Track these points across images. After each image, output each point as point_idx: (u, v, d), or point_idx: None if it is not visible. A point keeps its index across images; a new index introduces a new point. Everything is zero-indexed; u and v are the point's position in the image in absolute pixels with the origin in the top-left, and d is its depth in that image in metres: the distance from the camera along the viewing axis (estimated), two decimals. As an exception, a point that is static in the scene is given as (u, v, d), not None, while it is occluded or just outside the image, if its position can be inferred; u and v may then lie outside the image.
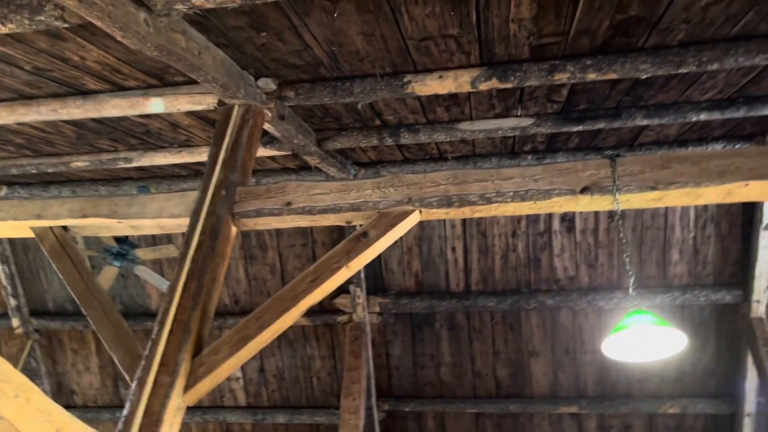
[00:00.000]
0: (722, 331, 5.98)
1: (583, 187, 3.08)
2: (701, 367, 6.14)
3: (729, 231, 5.71)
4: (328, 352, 6.73)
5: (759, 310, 5.69)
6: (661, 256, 5.91)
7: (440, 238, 6.22)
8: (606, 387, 6.31)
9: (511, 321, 6.36)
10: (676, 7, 2.95)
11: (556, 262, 6.11)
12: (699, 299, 5.87)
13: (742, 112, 4.32)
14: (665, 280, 5.97)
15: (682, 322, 6.03)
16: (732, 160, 3.00)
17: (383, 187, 3.26)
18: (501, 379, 6.52)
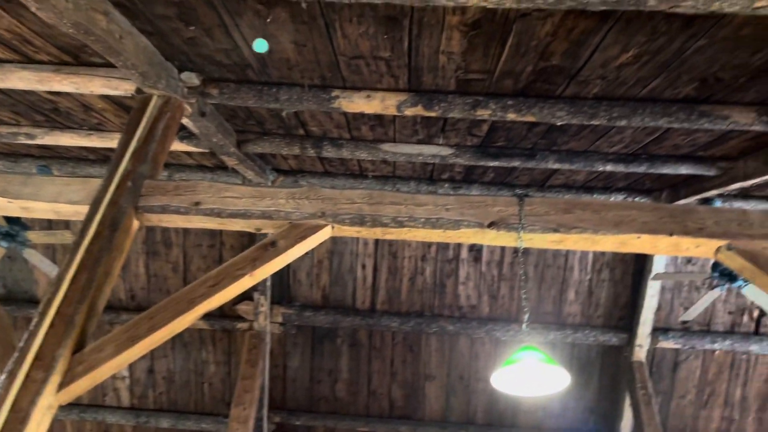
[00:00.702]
0: (605, 371, 6.32)
1: (490, 221, 3.18)
2: (583, 404, 6.44)
3: (622, 277, 6.06)
4: (223, 358, 6.54)
5: (641, 354, 6.05)
6: (558, 295, 6.18)
7: (352, 254, 6.22)
8: (494, 416, 6.50)
9: (411, 343, 6.43)
10: (594, 63, 3.12)
11: (460, 290, 6.26)
12: (588, 339, 6.17)
13: (644, 168, 4.62)
14: (560, 317, 6.24)
15: (571, 359, 6.32)
16: (628, 213, 3.19)
17: (298, 198, 3.23)
18: (395, 399, 6.57)
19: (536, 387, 2.85)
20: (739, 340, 5.97)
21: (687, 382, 6.21)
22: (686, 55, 2.98)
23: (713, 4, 2.20)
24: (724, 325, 6.03)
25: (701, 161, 4.57)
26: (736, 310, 5.99)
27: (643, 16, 2.68)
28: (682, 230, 3.12)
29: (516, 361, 2.76)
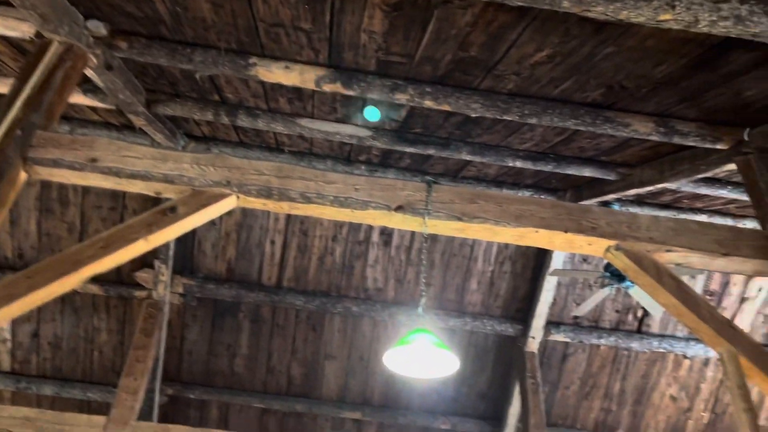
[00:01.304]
0: (499, 360, 6.57)
1: (398, 205, 3.21)
2: (476, 390, 6.68)
3: (522, 271, 6.30)
4: (117, 327, 6.28)
5: (533, 345, 6.33)
6: (461, 284, 6.35)
7: (261, 228, 6.12)
8: (390, 397, 6.61)
9: (314, 322, 6.42)
10: (510, 59, 3.19)
11: (368, 272, 6.30)
12: (486, 328, 6.39)
13: (551, 167, 4.80)
14: (461, 305, 6.41)
15: (468, 346, 6.53)
16: (529, 207, 3.30)
17: (203, 165, 3.12)
18: (293, 377, 6.55)
19: (426, 369, 2.91)
20: (622, 337, 6.36)
21: (573, 374, 6.57)
22: (596, 60, 3.11)
23: (621, 12, 2.29)
24: (610, 322, 6.41)
25: (603, 165, 4.80)
26: (623, 309, 6.38)
27: (557, 17, 2.76)
28: (577, 228, 3.27)
29: (408, 342, 2.80)
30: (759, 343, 3.15)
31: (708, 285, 6.25)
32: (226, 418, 6.61)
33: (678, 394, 6.63)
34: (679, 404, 6.66)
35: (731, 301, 6.29)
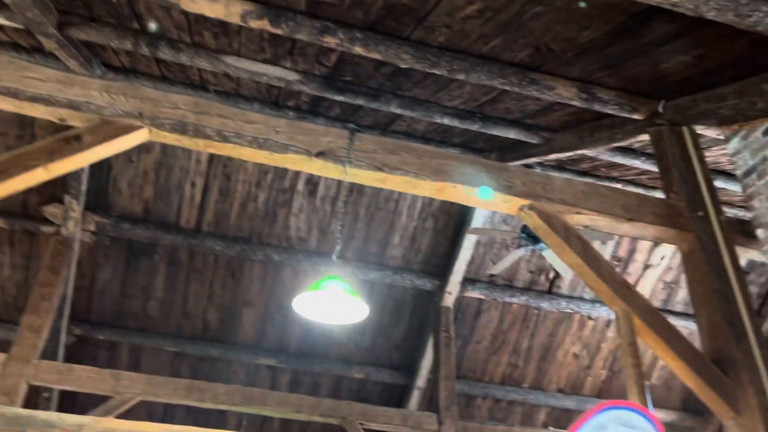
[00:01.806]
0: (416, 313, 6.72)
1: (319, 151, 3.15)
2: (391, 342, 6.82)
3: (444, 228, 6.41)
4: (21, 262, 5.97)
5: (449, 300, 6.50)
6: (384, 237, 6.39)
7: (182, 170, 5.91)
8: (307, 346, 6.67)
9: (234, 268, 6.33)
10: (441, 10, 3.16)
11: (291, 221, 6.24)
12: (405, 282, 6.49)
13: (477, 126, 4.84)
14: (383, 259, 6.48)
15: (387, 299, 6.63)
16: (449, 162, 3.33)
17: (114, 93, 2.95)
18: (209, 322, 6.48)
19: (336, 316, 2.93)
20: (534, 296, 6.63)
21: (484, 330, 6.81)
22: (525, 18, 3.12)
23: (549, -31, 2.28)
24: (523, 282, 6.66)
25: (528, 128, 4.89)
26: (536, 270, 6.63)
27: (489, -30, 2.73)
28: (494, 186, 3.33)
29: (320, 288, 2.80)
30: (652, 305, 3.34)
31: (616, 251, 6.57)
32: (137, 361, 6.48)
33: (580, 352, 7.02)
34: (580, 362, 7.06)
35: (636, 267, 6.65)
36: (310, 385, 6.84)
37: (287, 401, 5.66)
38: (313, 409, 5.68)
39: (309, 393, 6.62)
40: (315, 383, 6.86)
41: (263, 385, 6.69)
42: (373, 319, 6.69)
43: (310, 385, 6.85)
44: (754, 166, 3.43)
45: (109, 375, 5.30)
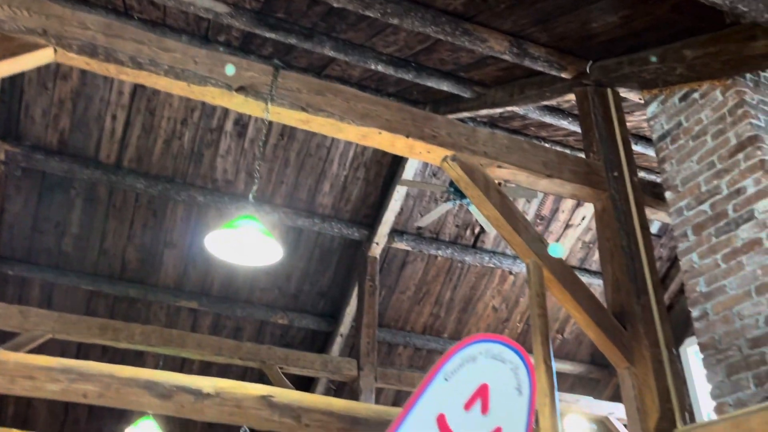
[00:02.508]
0: (342, 262, 6.74)
1: (240, 86, 3.04)
2: (317, 289, 6.84)
3: (375, 178, 6.39)
4: None
5: (376, 251, 6.54)
6: (314, 185, 6.32)
7: (102, 101, 5.60)
8: (230, 290, 6.59)
9: (156, 207, 6.13)
10: (375, -52, 3.05)
11: (218, 162, 6.06)
12: (334, 230, 6.48)
13: (412, 75, 4.79)
14: (312, 206, 6.42)
15: (314, 246, 6.61)
16: (376, 108, 3.28)
17: (15, 7, 2.72)
18: (129, 262, 6.28)
19: (249, 257, 2.88)
20: (458, 250, 6.76)
21: (409, 280, 6.92)
22: (458, -36, 3.05)
23: None
24: (449, 235, 6.77)
25: (461, 82, 4.87)
26: (462, 224, 6.75)
27: None
28: (419, 134, 3.31)
29: (234, 226, 2.74)
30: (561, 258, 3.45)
31: (540, 210, 6.75)
32: (50, 299, 6.25)
33: (500, 305, 7.26)
34: (499, 315, 7.31)
35: (558, 226, 6.87)
36: (232, 329, 6.81)
37: (206, 343, 5.61)
38: (233, 353, 5.66)
39: (231, 337, 6.60)
40: (237, 327, 6.83)
41: (184, 328, 6.60)
42: (300, 265, 6.67)
43: (233, 329, 6.81)
44: (668, 131, 3.55)
45: (16, 311, 5.09)
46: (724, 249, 3.07)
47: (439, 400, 1.43)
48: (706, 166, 3.27)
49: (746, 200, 3.01)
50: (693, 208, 3.29)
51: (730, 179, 3.12)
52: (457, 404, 1.45)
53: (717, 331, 3.00)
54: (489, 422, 1.46)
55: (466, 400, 1.46)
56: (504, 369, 1.50)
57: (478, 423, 1.44)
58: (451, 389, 1.45)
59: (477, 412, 1.45)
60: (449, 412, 1.42)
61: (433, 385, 1.46)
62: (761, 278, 2.85)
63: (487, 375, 1.49)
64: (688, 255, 3.26)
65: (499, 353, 1.49)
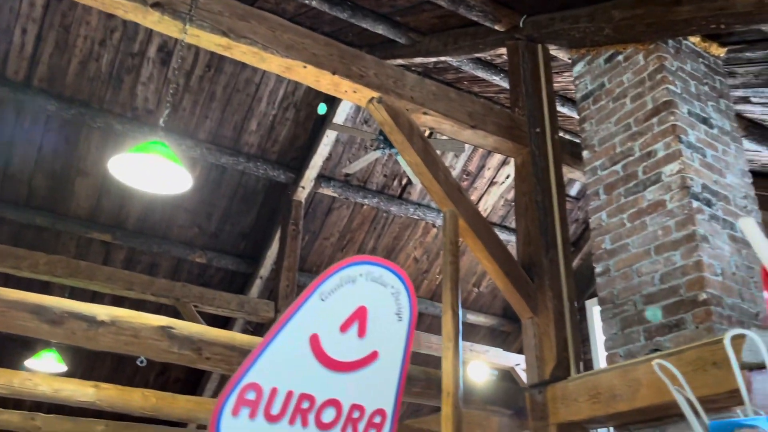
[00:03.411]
0: (266, 204, 6.61)
1: (156, 1, 2.83)
2: (238, 229, 6.71)
3: (304, 120, 6.24)
4: None
5: (302, 195, 6.45)
6: (240, 122, 6.12)
7: (12, 11, 5.14)
8: (147, 224, 6.37)
9: (68, 133, 5.77)
10: None
11: (139, 90, 5.75)
12: (259, 171, 6.32)
13: (347, 15, 4.65)
14: (237, 144, 6.23)
15: (238, 186, 6.44)
16: (302, 40, 3.15)
17: None
18: (37, 188, 5.93)
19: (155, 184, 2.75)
20: (385, 200, 6.76)
21: (333, 227, 6.89)
22: None
23: None
24: (377, 184, 6.75)
25: (396, 26, 4.78)
26: (390, 174, 6.73)
27: None
28: (345, 72, 3.22)
29: (141, 150, 2.59)
30: (478, 210, 3.50)
31: (467, 166, 6.82)
32: (-54, 222, 5.85)
33: (421, 257, 7.37)
34: (419, 266, 7.42)
35: (483, 182, 6.97)
36: (147, 265, 6.60)
37: (117, 277, 5.42)
38: (145, 288, 5.51)
39: (146, 273, 6.40)
40: (153, 264, 6.63)
41: (96, 261, 6.33)
42: (222, 205, 6.51)
43: (147, 265, 6.61)
44: (591, 91, 3.61)
45: None
46: (630, 209, 3.18)
47: (314, 319, 1.40)
48: (622, 128, 3.35)
49: (655, 163, 3.12)
50: (607, 168, 3.39)
51: (643, 142, 3.21)
52: (332, 325, 1.42)
53: (616, 287, 3.14)
54: (365, 346, 1.45)
55: (342, 321, 1.44)
56: (384, 293, 1.48)
57: (354, 346, 1.43)
58: (326, 310, 1.42)
59: (353, 335, 1.44)
60: (323, 333, 1.40)
61: (308, 304, 1.42)
62: (661, 238, 2.98)
63: (366, 298, 1.47)
64: (597, 213, 3.37)
65: (380, 276, 1.47)
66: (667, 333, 2.81)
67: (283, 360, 1.35)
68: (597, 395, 2.76)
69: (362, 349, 1.44)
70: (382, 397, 1.45)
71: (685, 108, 3.18)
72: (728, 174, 3.17)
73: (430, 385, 3.03)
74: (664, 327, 2.84)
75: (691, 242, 2.84)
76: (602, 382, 2.76)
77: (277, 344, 1.34)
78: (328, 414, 1.38)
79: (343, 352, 1.41)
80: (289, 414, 1.35)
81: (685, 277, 2.81)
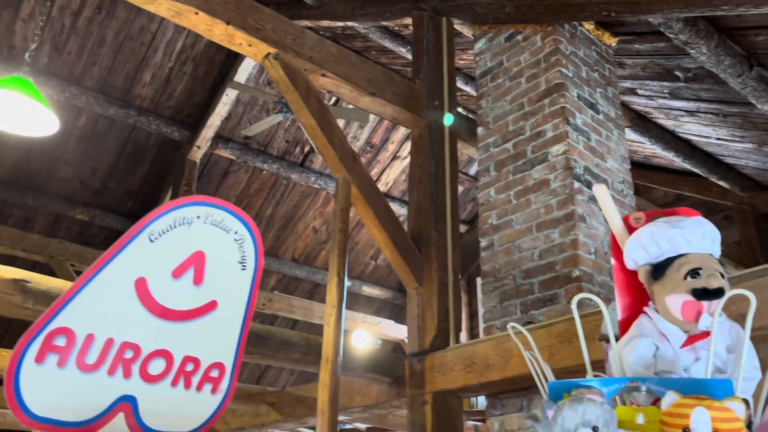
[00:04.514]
0: (158, 162, 6.28)
1: None
2: (126, 187, 6.33)
3: (204, 76, 5.95)
4: None
5: (197, 155, 6.16)
6: (133, 72, 5.73)
7: None
8: (22, 175, 5.86)
9: (-69, 67, 5.17)
10: None
11: (18, 26, 5.23)
12: (151, 126, 5.97)
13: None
14: (128, 96, 5.84)
15: (127, 141, 6.07)
16: (196, -16, 2.95)
17: None
18: None
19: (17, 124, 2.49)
20: (286, 167, 6.60)
21: (229, 191, 6.66)
22: None
23: None
24: (278, 150, 6.57)
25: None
26: (293, 141, 6.58)
27: None
28: (241, 23, 3.05)
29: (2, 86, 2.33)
30: (372, 179, 3.46)
31: (371, 138, 6.79)
32: None
33: (320, 227, 7.29)
34: (318, 236, 7.35)
35: (386, 156, 6.97)
36: (20, 218, 6.09)
37: (-18, 230, 4.97)
38: (15, 243, 5.09)
39: (18, 227, 5.91)
40: (27, 218, 6.13)
41: (-40, 212, 5.79)
42: (108, 160, 6.11)
43: (21, 219, 6.10)
44: (490, 69, 3.65)
45: None
46: (517, 186, 3.26)
47: (141, 262, 1.28)
48: (516, 107, 3.41)
49: (544, 143, 3.20)
50: (499, 145, 3.45)
51: (534, 122, 3.29)
52: (163, 269, 1.31)
53: (498, 261, 3.22)
54: (202, 294, 1.35)
55: (175, 266, 1.33)
56: (226, 239, 1.38)
57: (189, 293, 1.33)
58: (156, 252, 1.30)
59: (188, 281, 1.34)
60: (152, 277, 1.29)
61: (134, 244, 1.30)
62: (543, 216, 3.08)
63: (204, 242, 1.36)
64: (486, 189, 3.43)
65: (222, 221, 1.38)
66: (542, 306, 2.92)
67: (102, 305, 1.23)
68: (472, 365, 2.83)
69: (199, 297, 1.34)
70: (220, 350, 1.36)
71: (575, 92, 3.28)
72: (609, 159, 3.31)
73: (309, 352, 2.99)
74: (539, 301, 2.94)
75: (569, 221, 2.95)
76: (477, 353, 2.83)
77: (95, 287, 1.21)
78: (156, 365, 1.28)
79: (176, 300, 1.30)
80: (108, 363, 1.24)
81: (562, 254, 2.92)
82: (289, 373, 7.92)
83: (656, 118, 4.77)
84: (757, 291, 1.95)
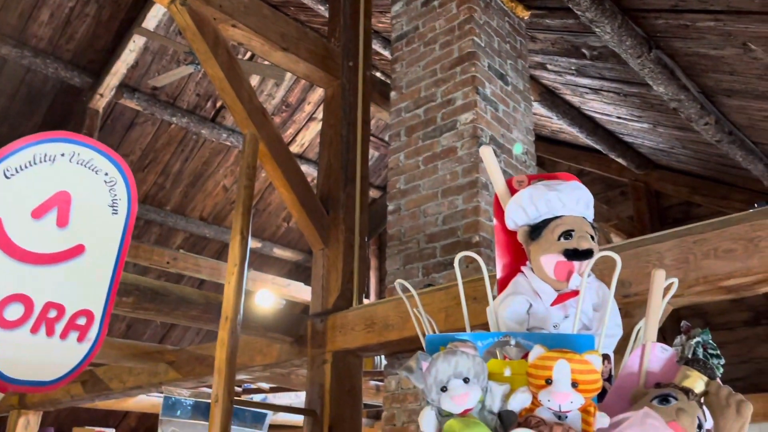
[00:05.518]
0: (56, 108, 5.88)
1: None
2: (19, 133, 5.85)
3: (109, 20, 5.58)
4: None
5: (100, 103, 5.82)
6: (29, 10, 5.29)
7: None
8: None
9: None
10: None
11: None
12: (48, 69, 5.57)
13: None
14: (23, 35, 5.39)
15: (21, 84, 5.63)
16: None
17: None
18: None
19: None
20: (196, 121, 6.36)
21: (135, 144, 6.35)
22: None
23: None
24: (188, 103, 6.31)
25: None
26: (204, 95, 6.33)
27: None
28: (145, -37, 2.87)
29: None
30: (281, 137, 3.41)
31: (287, 97, 6.65)
32: None
33: (230, 186, 7.11)
34: (228, 195, 7.17)
35: (302, 116, 6.86)
36: None
37: None
38: None
39: None
40: None
41: None
42: (-1, 103, 5.66)
43: None
44: (406, 33, 3.64)
45: None
46: (426, 152, 3.30)
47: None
48: (429, 74, 3.43)
49: (453, 111, 3.25)
50: (410, 110, 3.46)
51: (445, 89, 3.32)
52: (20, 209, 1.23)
53: (404, 225, 3.27)
54: (67, 237, 1.29)
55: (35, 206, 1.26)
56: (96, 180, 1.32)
57: (52, 236, 1.26)
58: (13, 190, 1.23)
59: (51, 223, 1.27)
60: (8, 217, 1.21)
61: None
62: (449, 183, 3.14)
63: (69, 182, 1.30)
64: (396, 154, 3.45)
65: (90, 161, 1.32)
66: (442, 270, 3.00)
67: (-50, 245, 1.14)
68: (372, 325, 2.88)
69: (63, 240, 1.26)
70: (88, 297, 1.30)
71: (486, 62, 3.34)
72: (515, 130, 3.41)
73: (209, 310, 2.94)
74: (440, 264, 3.02)
75: (473, 188, 3.03)
76: (378, 313, 2.88)
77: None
78: (13, 310, 1.20)
79: (36, 242, 1.22)
80: (-47, 308, 1.16)
81: (464, 220, 3.00)
82: (195, 333, 7.78)
83: (563, 93, 4.94)
84: (635, 259, 2.09)
